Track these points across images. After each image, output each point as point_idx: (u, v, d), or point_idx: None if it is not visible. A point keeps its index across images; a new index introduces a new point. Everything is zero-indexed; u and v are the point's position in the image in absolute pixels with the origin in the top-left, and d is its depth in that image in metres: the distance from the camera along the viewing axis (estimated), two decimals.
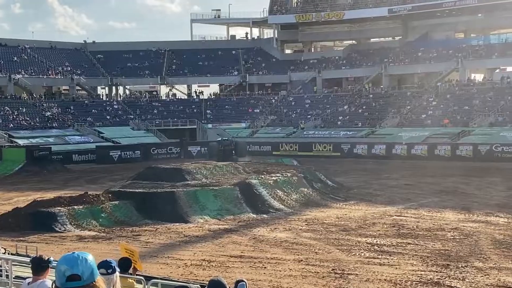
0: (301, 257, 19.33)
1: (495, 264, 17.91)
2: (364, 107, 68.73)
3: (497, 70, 70.70)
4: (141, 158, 57.15)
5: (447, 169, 43.67)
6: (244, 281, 7.05)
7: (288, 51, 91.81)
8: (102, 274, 3.95)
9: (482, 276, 16.56)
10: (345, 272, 17.31)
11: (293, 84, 79.15)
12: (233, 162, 38.68)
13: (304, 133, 64.17)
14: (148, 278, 9.43)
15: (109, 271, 4.63)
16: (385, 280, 16.48)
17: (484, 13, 72.98)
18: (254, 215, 27.54)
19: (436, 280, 16.29)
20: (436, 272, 17.18)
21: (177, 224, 25.59)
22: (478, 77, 72.42)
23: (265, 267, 18.17)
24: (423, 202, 30.33)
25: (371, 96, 70.81)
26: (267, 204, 28.91)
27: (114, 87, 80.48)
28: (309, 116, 69.42)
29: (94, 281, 3.50)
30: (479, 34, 75.45)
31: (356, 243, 21.17)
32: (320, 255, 19.68)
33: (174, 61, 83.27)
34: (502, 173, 40.74)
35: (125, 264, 8.46)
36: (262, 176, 31.82)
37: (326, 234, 23.19)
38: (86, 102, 73.67)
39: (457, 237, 21.73)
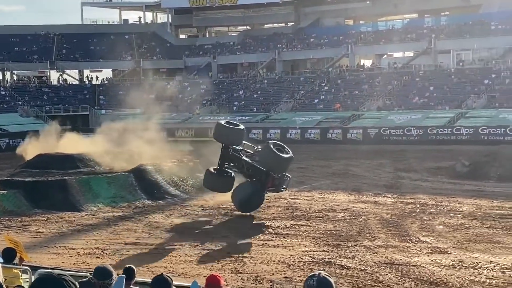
0: (197, 242, 19.39)
1: (382, 242, 18.69)
2: (259, 92, 69.41)
3: (385, 56, 73.45)
4: None
5: (338, 152, 45.00)
6: (132, 268, 7.01)
7: (182, 36, 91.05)
8: None
9: (370, 255, 17.25)
10: (240, 255, 17.53)
11: (188, 70, 78.65)
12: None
13: (200, 118, 64.03)
14: (34, 268, 9.14)
15: None
16: (279, 261, 16.83)
17: (372, 1, 75.37)
18: (150, 202, 27.30)
19: (327, 260, 16.80)
20: (328, 252, 17.73)
21: (69, 212, 24.94)
22: (367, 62, 74.80)
23: (160, 253, 18.11)
24: (316, 184, 31.12)
25: (265, 81, 71.60)
26: (162, 190, 28.70)
27: (0, 73, 76.92)
28: (205, 102, 69.31)
29: None
30: (367, 21, 77.83)
31: (251, 227, 21.45)
32: (216, 239, 19.81)
33: (65, 45, 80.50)
34: (389, 155, 42.40)
35: (9, 255, 8.19)
36: (158, 162, 31.51)
37: (222, 218, 23.36)
38: None
39: (348, 218, 22.48)
